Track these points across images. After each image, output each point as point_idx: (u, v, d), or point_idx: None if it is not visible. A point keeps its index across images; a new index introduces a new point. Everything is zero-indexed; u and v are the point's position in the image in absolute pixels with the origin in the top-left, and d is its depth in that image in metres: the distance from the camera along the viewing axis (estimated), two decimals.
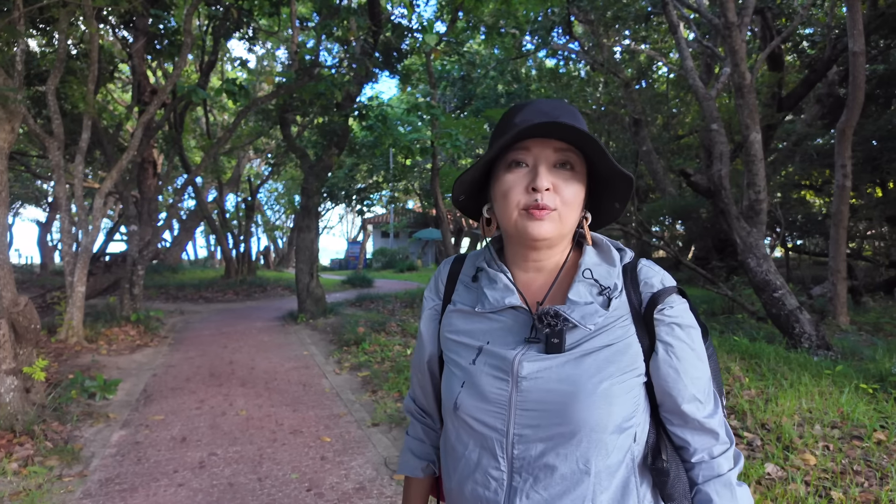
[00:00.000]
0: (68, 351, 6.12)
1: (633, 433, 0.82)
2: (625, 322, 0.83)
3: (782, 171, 12.13)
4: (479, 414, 0.84)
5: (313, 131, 13.08)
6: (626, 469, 0.81)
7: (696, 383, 0.83)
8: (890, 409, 3.49)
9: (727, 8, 5.94)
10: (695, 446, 0.85)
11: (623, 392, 0.79)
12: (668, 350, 0.83)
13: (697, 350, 0.85)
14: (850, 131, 7.21)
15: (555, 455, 0.79)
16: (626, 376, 0.80)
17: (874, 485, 2.61)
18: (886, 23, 9.29)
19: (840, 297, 7.22)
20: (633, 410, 0.81)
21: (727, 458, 0.85)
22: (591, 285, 0.84)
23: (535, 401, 0.80)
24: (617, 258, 0.88)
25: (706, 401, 0.84)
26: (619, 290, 0.84)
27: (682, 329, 0.84)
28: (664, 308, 0.83)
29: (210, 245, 33.83)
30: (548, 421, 0.80)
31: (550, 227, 0.81)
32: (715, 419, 0.84)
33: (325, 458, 3.44)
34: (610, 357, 0.80)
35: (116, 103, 14.87)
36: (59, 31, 6.72)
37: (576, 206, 0.84)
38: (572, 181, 0.83)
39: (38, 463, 3.26)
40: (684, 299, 0.86)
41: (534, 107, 0.85)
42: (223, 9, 9.27)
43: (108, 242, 15.21)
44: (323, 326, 8.43)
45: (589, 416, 0.77)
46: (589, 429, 0.78)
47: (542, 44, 13.77)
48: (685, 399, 0.83)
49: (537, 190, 0.80)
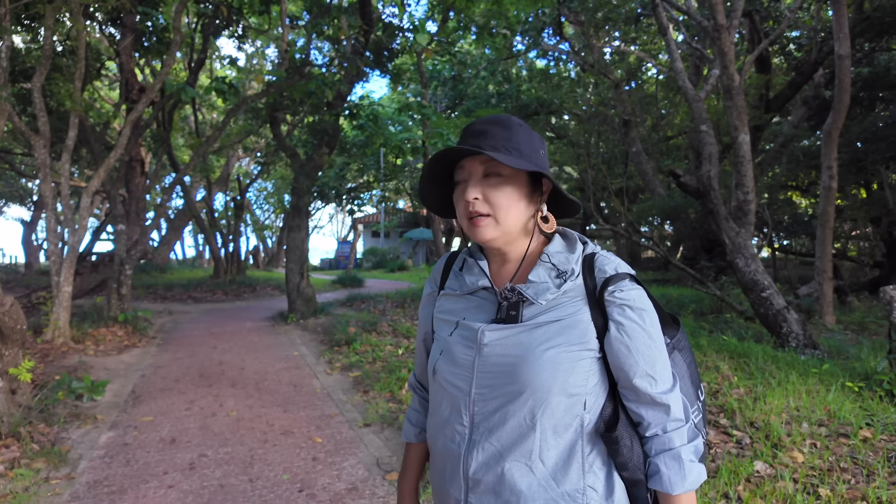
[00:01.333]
0: (55, 352, 6.03)
1: (583, 401, 0.92)
2: (577, 302, 0.94)
3: (769, 173, 12.26)
4: (450, 377, 1.00)
5: (303, 130, 13.01)
6: (573, 433, 0.92)
7: (648, 360, 0.91)
8: (875, 407, 3.55)
9: (716, 10, 6.00)
10: (648, 420, 0.93)
11: (569, 360, 0.91)
12: (619, 328, 0.92)
13: (649, 330, 0.92)
14: (836, 133, 7.31)
15: (505, 411, 0.93)
16: (574, 348, 0.91)
17: (861, 482, 2.65)
18: (871, 26, 9.42)
19: (826, 296, 7.32)
20: (582, 380, 0.92)
21: (679, 433, 0.92)
22: (549, 269, 0.97)
23: (492, 364, 0.95)
24: (579, 248, 0.99)
25: (659, 378, 0.92)
26: (575, 275, 0.95)
27: (633, 310, 0.92)
28: (615, 290, 0.93)
29: (198, 244, 33.54)
30: (501, 381, 0.94)
31: (488, 230, 0.96)
32: (669, 396, 0.92)
33: (316, 459, 3.42)
34: (559, 330, 0.93)
35: (103, 101, 14.69)
36: (45, 27, 6.62)
37: (510, 207, 0.96)
38: (502, 186, 0.96)
39: (25, 465, 3.21)
40: (637, 285, 0.95)
41: (470, 128, 1.00)
42: (213, 6, 9.19)
43: (95, 242, 15.03)
44: (313, 326, 8.39)
45: (534, 378, 0.90)
46: (533, 388, 0.90)
47: (532, 44, 13.80)
48: (637, 374, 0.91)
49: (468, 201, 0.96)
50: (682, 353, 1.03)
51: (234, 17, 9.70)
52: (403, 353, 6.09)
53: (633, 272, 0.96)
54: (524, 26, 12.80)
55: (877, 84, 10.37)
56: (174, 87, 7.17)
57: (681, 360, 1.02)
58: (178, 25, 7.36)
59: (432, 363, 1.04)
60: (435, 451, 1.04)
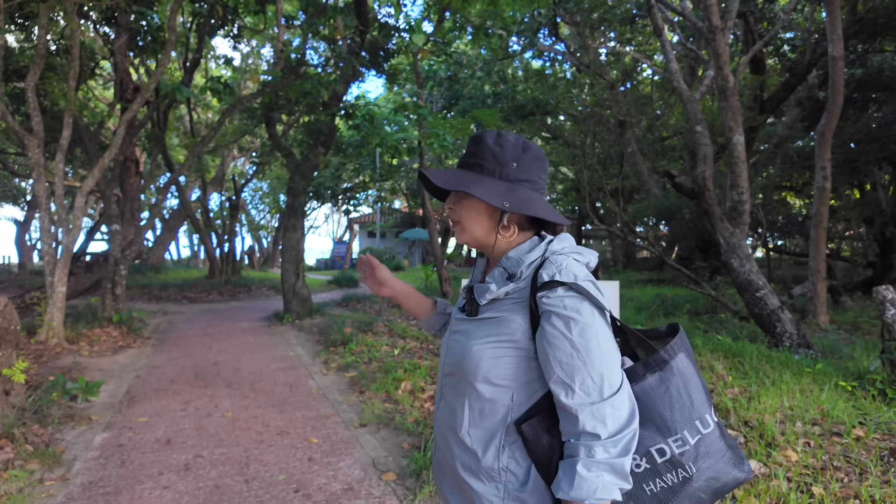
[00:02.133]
0: (48, 352, 6.00)
1: (511, 393, 1.01)
2: (516, 303, 1.02)
3: (763, 173, 12.33)
4: (441, 352, 1.21)
5: (299, 130, 12.97)
6: (499, 421, 1.02)
7: (565, 369, 0.93)
8: (868, 406, 3.57)
9: (711, 12, 6.03)
10: (562, 425, 0.96)
11: (493, 354, 1.01)
12: (541, 333, 0.97)
13: (574, 340, 0.93)
14: (829, 134, 7.35)
15: (449, 388, 1.12)
16: (502, 344, 1.01)
17: (854, 480, 2.66)
18: (865, 28, 9.49)
19: (820, 296, 7.36)
20: (507, 374, 1.01)
21: (587, 447, 0.90)
22: (501, 272, 1.07)
23: (449, 346, 1.14)
24: (538, 252, 1.05)
25: (579, 388, 0.92)
26: (521, 278, 1.03)
27: (559, 318, 0.95)
28: (542, 297, 0.97)
29: (193, 245, 33.41)
30: (450, 361, 1.12)
31: (461, 236, 1.12)
32: (584, 408, 0.91)
33: (312, 459, 3.42)
34: (492, 326, 1.04)
35: (98, 101, 14.61)
36: (39, 26, 6.58)
37: (474, 218, 1.09)
38: (465, 200, 1.10)
39: (19, 467, 3.19)
40: (574, 293, 0.96)
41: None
42: (208, 6, 9.16)
43: (89, 242, 14.95)
44: (309, 327, 8.38)
45: (464, 364, 1.05)
46: (463, 373, 1.06)
47: (528, 45, 13.83)
48: (551, 379, 0.95)
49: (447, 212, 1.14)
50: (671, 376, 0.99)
51: (230, 16, 9.67)
52: (399, 354, 6.08)
53: (575, 279, 0.96)
54: (520, 27, 12.83)
55: (870, 85, 10.44)
56: (169, 86, 7.14)
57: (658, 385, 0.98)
58: (174, 25, 7.33)
59: None
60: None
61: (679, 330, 1.06)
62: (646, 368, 1.00)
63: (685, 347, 1.04)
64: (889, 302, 3.98)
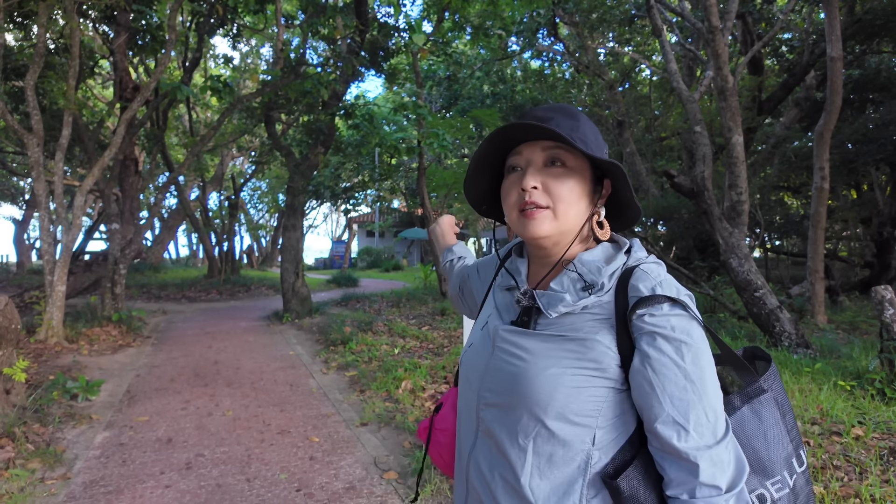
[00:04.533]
0: (48, 351, 6.00)
1: (592, 434, 0.79)
2: (600, 320, 0.81)
3: (761, 173, 12.36)
4: (469, 371, 0.93)
5: (298, 129, 12.98)
6: (576, 469, 0.79)
7: (678, 405, 0.74)
8: (867, 406, 3.59)
9: (711, 13, 6.05)
10: (670, 476, 0.75)
11: (574, 384, 0.78)
12: (643, 360, 0.77)
13: (686, 368, 0.75)
14: (828, 135, 7.38)
15: (501, 423, 0.84)
16: (585, 372, 0.78)
17: (854, 479, 2.68)
18: (863, 29, 9.52)
19: (818, 296, 7.39)
20: (590, 409, 0.78)
21: (711, 503, 0.72)
22: (575, 279, 0.85)
23: (498, 368, 0.86)
24: (620, 260, 0.85)
25: (694, 429, 0.73)
26: (604, 290, 0.82)
27: (668, 341, 0.76)
28: (644, 314, 0.77)
29: (192, 244, 33.39)
30: (502, 388, 0.84)
31: (545, 225, 0.84)
32: (703, 453, 0.73)
33: (313, 458, 3.43)
34: (571, 348, 0.80)
35: (97, 100, 14.59)
36: (39, 25, 6.57)
37: (573, 202, 0.85)
38: (565, 177, 0.85)
39: (20, 466, 3.20)
40: (682, 311, 0.78)
41: (530, 113, 0.88)
42: (207, 5, 9.16)
43: (88, 241, 14.93)
44: (309, 326, 8.38)
45: (530, 393, 0.80)
46: (528, 405, 0.80)
47: (527, 45, 13.85)
48: (659, 419, 0.75)
49: (525, 189, 0.84)
50: (764, 408, 0.84)
51: (229, 15, 9.67)
52: (399, 353, 6.10)
53: (678, 294, 0.79)
54: (519, 27, 12.84)
55: (868, 86, 10.48)
56: (169, 85, 7.15)
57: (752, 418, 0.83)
58: (173, 24, 7.33)
59: (462, 354, 0.98)
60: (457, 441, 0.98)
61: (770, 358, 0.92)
62: (743, 400, 0.84)
63: (778, 377, 0.90)
64: (887, 302, 4.00)
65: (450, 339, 6.83)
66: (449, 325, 7.68)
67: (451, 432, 1.09)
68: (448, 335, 7.03)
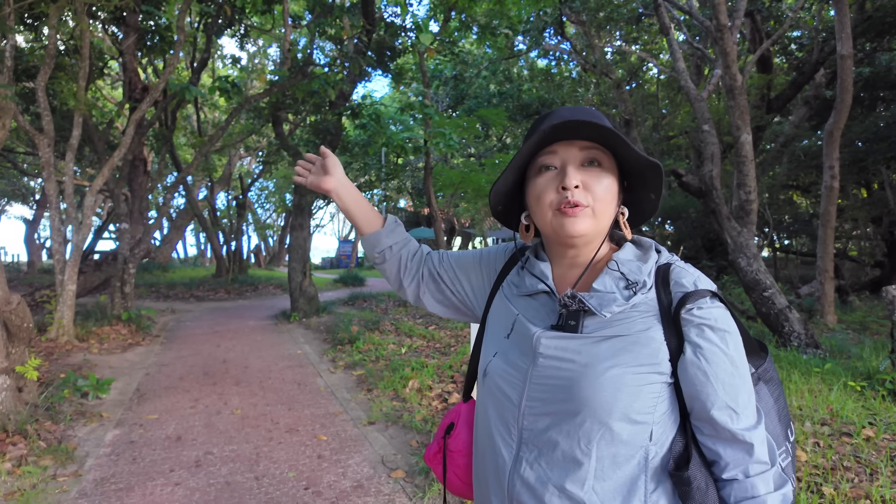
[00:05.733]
0: (59, 350, 6.06)
1: (650, 430, 0.80)
2: (648, 317, 0.83)
3: (770, 172, 12.27)
4: (502, 383, 0.90)
5: (306, 130, 13.03)
6: (636, 466, 0.80)
7: (729, 390, 0.79)
8: (878, 407, 3.56)
9: (719, 11, 6.01)
10: (726, 460, 0.79)
11: (635, 382, 0.80)
12: (696, 351, 0.80)
13: (732, 355, 0.80)
14: (837, 133, 7.32)
15: (558, 430, 0.83)
16: (643, 369, 0.80)
17: (864, 480, 2.66)
18: (873, 26, 9.43)
19: (827, 296, 7.33)
20: (649, 406, 0.80)
21: (764, 479, 0.78)
22: (618, 278, 0.87)
23: (546, 376, 0.85)
24: (653, 258, 0.89)
25: (742, 412, 0.79)
26: (647, 287, 0.85)
27: (714, 331, 0.80)
28: (693, 308, 0.81)
29: (201, 243, 33.58)
30: (555, 396, 0.83)
31: (586, 223, 0.85)
32: (753, 433, 0.78)
33: (322, 457, 3.45)
34: (626, 346, 0.81)
35: (106, 100, 14.71)
36: (49, 26, 6.63)
37: (609, 201, 0.87)
38: (602, 177, 0.86)
39: (32, 463, 3.23)
40: (720, 303, 0.83)
41: (557, 114, 0.88)
42: (215, 6, 9.21)
43: (98, 240, 15.06)
44: (316, 325, 8.41)
45: (593, 397, 0.80)
46: (592, 409, 0.80)
47: (534, 44, 13.81)
48: (715, 405, 0.79)
49: (567, 188, 0.84)
50: (768, 386, 0.91)
51: (237, 16, 9.71)
52: (406, 352, 6.11)
53: (714, 288, 0.85)
54: (526, 26, 12.81)
55: (878, 84, 10.39)
56: (177, 86, 7.19)
57: (767, 394, 0.90)
58: (182, 25, 7.37)
59: (484, 363, 0.96)
60: (481, 463, 0.96)
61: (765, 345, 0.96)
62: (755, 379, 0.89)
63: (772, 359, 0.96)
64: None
65: (456, 338, 6.83)
66: (456, 324, 7.68)
67: (465, 452, 1.07)
68: (455, 334, 7.04)
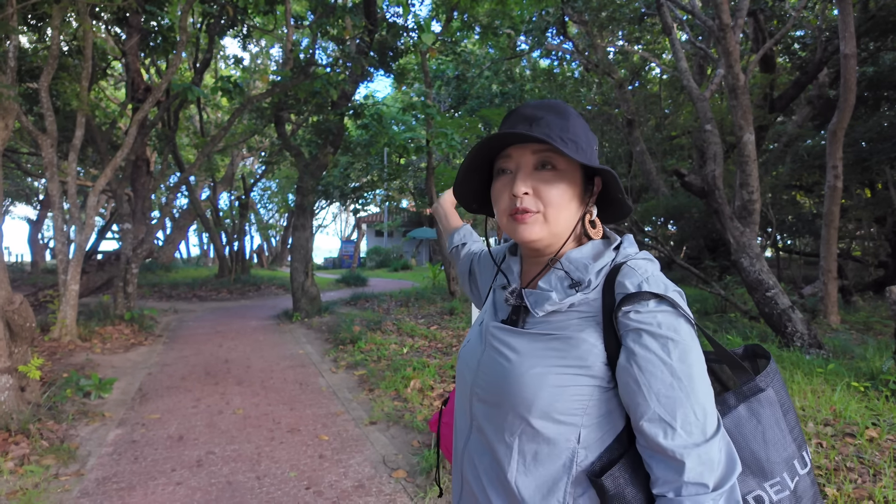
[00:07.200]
0: (62, 349, 6.08)
1: (577, 432, 0.78)
2: (586, 318, 0.81)
3: (773, 172, 12.23)
4: (464, 368, 0.95)
5: (308, 130, 13.03)
6: (561, 467, 0.79)
7: (664, 402, 0.73)
8: (881, 407, 3.55)
9: (722, 10, 6.00)
10: (656, 475, 0.74)
11: (558, 383, 0.78)
12: (629, 358, 0.76)
13: (674, 366, 0.73)
14: (841, 133, 7.29)
15: (487, 420, 0.86)
16: (569, 370, 0.78)
17: (867, 481, 2.65)
18: (877, 25, 9.39)
19: (831, 296, 7.30)
20: (575, 408, 0.78)
21: (696, 502, 0.70)
22: (562, 277, 0.85)
23: (488, 365, 0.88)
24: (608, 256, 0.85)
25: (681, 426, 0.72)
26: (591, 287, 0.82)
27: (654, 338, 0.74)
28: (630, 311, 0.77)
29: (203, 243, 33.65)
30: (490, 384, 0.86)
31: (536, 229, 0.85)
32: (690, 451, 0.71)
33: (323, 457, 3.45)
34: (556, 346, 0.81)
35: (109, 101, 14.75)
36: (52, 27, 6.65)
37: (563, 206, 0.85)
38: (556, 181, 0.84)
39: (35, 462, 3.24)
40: (669, 307, 0.76)
41: (518, 112, 0.88)
42: (218, 6, 9.22)
43: (101, 241, 15.10)
44: (318, 325, 8.42)
45: (516, 392, 0.80)
46: (512, 404, 0.81)
47: (536, 44, 13.80)
48: (645, 416, 0.74)
49: (516, 195, 0.84)
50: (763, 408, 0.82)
51: (240, 16, 9.73)
52: (408, 352, 6.11)
53: (666, 291, 0.78)
54: (528, 26, 12.80)
55: (882, 83, 10.34)
56: (180, 86, 7.20)
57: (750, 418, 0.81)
58: (184, 25, 7.39)
59: (461, 349, 1.00)
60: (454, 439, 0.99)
61: (770, 356, 0.89)
62: (738, 399, 0.82)
63: (779, 375, 0.87)
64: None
65: (458, 338, 6.83)
66: (457, 324, 7.68)
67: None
68: (456, 334, 7.04)
